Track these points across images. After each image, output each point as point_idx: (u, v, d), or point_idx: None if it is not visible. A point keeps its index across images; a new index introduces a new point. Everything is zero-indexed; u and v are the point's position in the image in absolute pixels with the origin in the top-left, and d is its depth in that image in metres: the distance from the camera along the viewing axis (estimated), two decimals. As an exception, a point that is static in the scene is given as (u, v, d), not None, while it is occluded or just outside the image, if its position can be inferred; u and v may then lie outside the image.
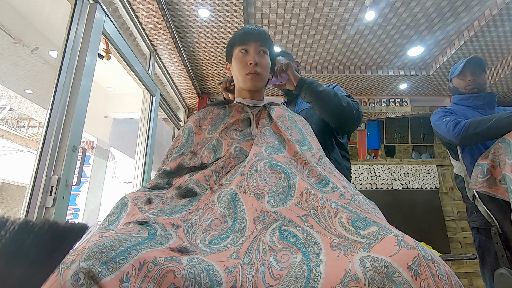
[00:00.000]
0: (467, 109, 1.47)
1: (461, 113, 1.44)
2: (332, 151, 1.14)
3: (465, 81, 1.48)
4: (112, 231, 0.47)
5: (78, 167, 1.41)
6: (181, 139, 0.87)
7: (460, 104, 1.51)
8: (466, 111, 1.46)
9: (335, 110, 1.01)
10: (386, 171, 3.61)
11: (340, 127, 1.11)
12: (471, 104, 1.47)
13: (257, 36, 0.89)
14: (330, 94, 1.01)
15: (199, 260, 0.45)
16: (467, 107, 1.48)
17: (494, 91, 3.76)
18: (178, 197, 0.66)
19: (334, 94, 1.01)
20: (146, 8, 2.14)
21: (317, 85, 1.02)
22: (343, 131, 1.15)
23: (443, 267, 0.37)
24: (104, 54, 1.77)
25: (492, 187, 1.19)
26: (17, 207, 6.03)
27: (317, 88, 1.01)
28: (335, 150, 1.16)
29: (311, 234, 0.49)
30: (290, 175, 0.62)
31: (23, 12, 2.15)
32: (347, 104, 1.01)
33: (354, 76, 3.67)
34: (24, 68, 2.64)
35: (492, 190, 1.18)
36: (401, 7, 2.58)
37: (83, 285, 0.35)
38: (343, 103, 1.01)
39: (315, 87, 1.01)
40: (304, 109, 1.23)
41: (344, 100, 1.02)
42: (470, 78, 1.46)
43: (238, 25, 2.53)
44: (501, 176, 1.16)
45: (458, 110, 1.47)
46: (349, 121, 1.05)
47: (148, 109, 2.48)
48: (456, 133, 1.31)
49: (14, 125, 5.48)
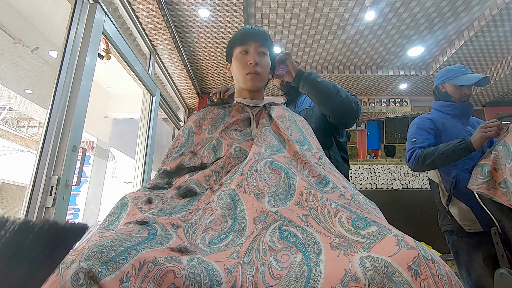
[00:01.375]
0: (446, 116, 1.52)
1: (441, 123, 1.49)
2: (331, 150, 1.14)
3: (461, 93, 1.49)
4: (112, 231, 0.47)
5: (78, 167, 1.41)
6: (181, 139, 0.87)
7: (441, 110, 1.55)
8: (445, 119, 1.51)
9: (334, 101, 0.99)
10: (386, 171, 3.61)
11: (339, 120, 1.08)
12: (451, 112, 1.52)
13: (257, 36, 0.89)
14: (329, 85, 0.99)
15: (199, 260, 0.45)
16: (446, 115, 1.53)
17: (494, 91, 3.76)
18: (178, 197, 0.66)
19: (333, 86, 1.00)
20: (146, 8, 2.14)
21: (316, 76, 1.01)
22: (342, 124, 1.11)
23: (443, 267, 0.37)
24: (104, 54, 1.77)
25: (490, 189, 1.18)
26: (17, 207, 6.03)
27: (316, 79, 1.00)
28: (334, 149, 1.16)
29: (311, 234, 0.49)
30: (290, 175, 0.62)
31: (23, 12, 2.15)
32: (345, 96, 1.00)
33: (354, 76, 3.68)
34: (24, 68, 2.64)
35: (490, 192, 1.17)
36: (401, 7, 2.58)
37: (83, 285, 0.35)
38: (342, 94, 0.99)
39: (314, 78, 1.00)
40: (304, 109, 1.22)
41: (342, 92, 1.00)
42: (467, 92, 1.49)
43: (238, 25, 2.53)
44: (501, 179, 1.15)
45: (438, 120, 1.51)
46: (347, 114, 1.03)
47: (148, 109, 2.48)
48: (410, 164, 1.45)
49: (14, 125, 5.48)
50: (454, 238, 1.42)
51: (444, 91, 1.54)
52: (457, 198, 1.39)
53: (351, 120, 1.07)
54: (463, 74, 1.47)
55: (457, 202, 1.39)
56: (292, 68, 1.03)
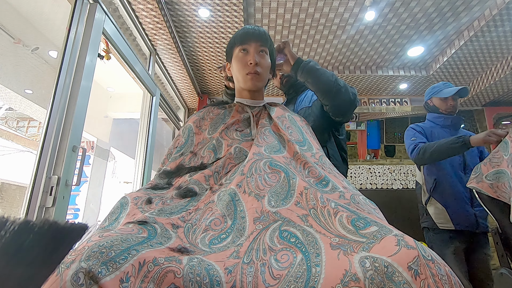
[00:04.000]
0: (436, 127, 1.72)
1: (429, 131, 1.70)
2: (330, 148, 1.14)
3: (446, 104, 1.69)
4: (112, 231, 0.47)
5: (78, 167, 1.40)
6: (181, 139, 0.87)
7: (432, 121, 1.75)
8: (434, 129, 1.71)
9: (332, 89, 0.97)
10: (386, 171, 3.61)
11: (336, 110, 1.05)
12: (441, 123, 1.72)
13: (257, 36, 0.89)
14: (327, 73, 0.98)
15: (199, 260, 0.45)
16: (436, 125, 1.73)
17: (494, 91, 3.77)
18: (178, 197, 0.66)
19: (331, 74, 0.99)
20: (146, 8, 2.14)
21: (314, 63, 1.00)
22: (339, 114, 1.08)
23: (443, 267, 0.37)
24: (104, 54, 1.77)
25: (479, 182, 1.25)
26: (17, 207, 6.03)
27: (314, 66, 0.99)
28: (333, 147, 1.16)
29: (311, 234, 0.49)
30: (290, 175, 0.62)
31: (23, 12, 2.15)
32: (343, 85, 0.99)
33: (354, 76, 3.68)
34: (24, 68, 2.64)
35: (479, 185, 1.24)
36: (401, 7, 2.57)
37: (83, 285, 0.35)
38: (340, 83, 0.98)
39: (312, 65, 0.99)
40: (303, 108, 1.22)
41: (340, 81, 0.99)
42: (451, 103, 1.68)
43: (238, 25, 2.53)
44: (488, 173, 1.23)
45: (427, 128, 1.72)
46: (345, 103, 1.01)
47: (148, 109, 2.48)
48: (413, 156, 1.61)
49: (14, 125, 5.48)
50: (430, 234, 1.62)
51: (432, 105, 1.75)
52: (435, 199, 1.60)
53: (348, 110, 1.05)
54: (446, 88, 1.69)
55: (434, 202, 1.60)
56: (290, 57, 1.02)
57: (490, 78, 3.48)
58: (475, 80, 3.74)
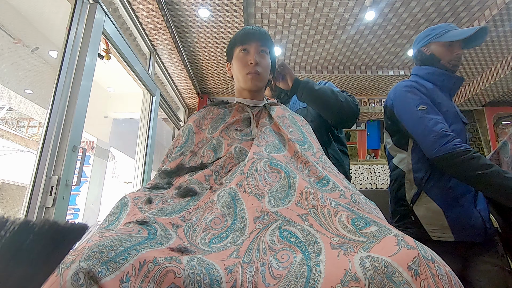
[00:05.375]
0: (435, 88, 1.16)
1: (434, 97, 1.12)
2: (329, 147, 1.14)
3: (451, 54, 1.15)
4: (112, 231, 0.47)
5: (78, 167, 1.40)
6: (181, 138, 0.87)
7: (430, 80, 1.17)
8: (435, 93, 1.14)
9: (334, 107, 1.02)
10: (386, 171, 3.61)
11: (340, 123, 1.12)
12: (441, 84, 1.17)
13: (257, 36, 0.90)
14: (327, 91, 1.02)
15: (199, 259, 0.45)
16: (435, 86, 1.16)
17: (494, 91, 3.75)
18: (178, 197, 0.66)
19: (331, 91, 1.02)
20: (146, 8, 2.14)
21: (312, 84, 1.04)
22: (342, 126, 1.17)
23: (443, 267, 0.37)
24: (104, 54, 1.77)
25: None
26: (17, 207, 6.04)
27: (313, 87, 1.02)
28: (332, 146, 1.16)
29: (311, 233, 0.49)
30: (290, 174, 0.62)
31: (23, 12, 2.15)
32: (344, 100, 1.02)
33: (354, 76, 3.67)
34: (24, 68, 2.65)
35: None
36: (401, 7, 2.58)
37: (83, 285, 0.35)
38: (341, 98, 1.02)
39: (311, 86, 1.02)
40: (298, 109, 1.23)
41: (341, 96, 1.03)
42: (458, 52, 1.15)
43: (238, 25, 2.53)
44: None
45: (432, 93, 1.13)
46: (348, 117, 1.06)
47: (148, 109, 2.48)
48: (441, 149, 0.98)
49: (14, 125, 5.48)
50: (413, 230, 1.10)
51: (430, 54, 1.18)
52: (428, 195, 1.07)
53: (351, 122, 1.09)
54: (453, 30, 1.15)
55: (426, 200, 1.07)
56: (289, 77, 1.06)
57: (490, 78, 3.48)
58: (475, 80, 3.74)
